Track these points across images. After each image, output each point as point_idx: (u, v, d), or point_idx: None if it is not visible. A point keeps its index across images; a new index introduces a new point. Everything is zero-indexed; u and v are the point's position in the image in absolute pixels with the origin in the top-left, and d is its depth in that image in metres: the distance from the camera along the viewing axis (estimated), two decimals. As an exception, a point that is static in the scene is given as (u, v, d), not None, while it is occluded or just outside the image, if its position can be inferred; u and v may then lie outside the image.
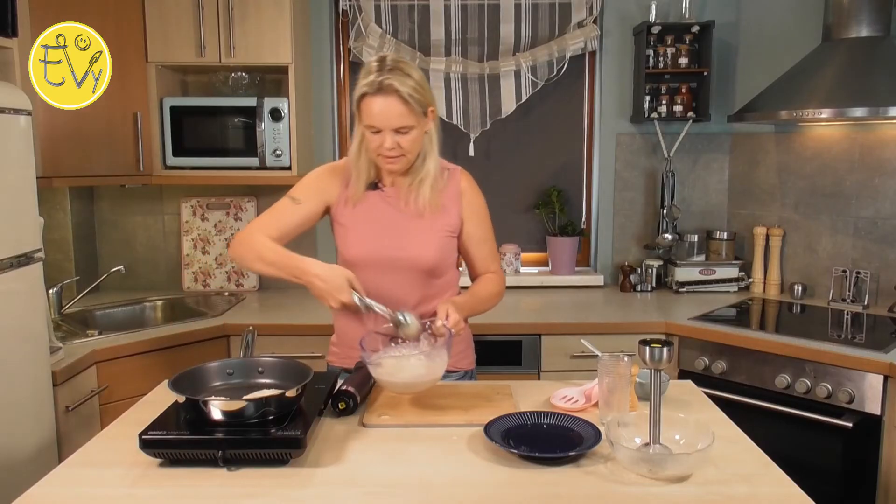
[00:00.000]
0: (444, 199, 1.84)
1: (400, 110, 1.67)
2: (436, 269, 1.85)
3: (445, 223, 1.84)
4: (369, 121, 1.70)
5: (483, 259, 1.92)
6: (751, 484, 1.32)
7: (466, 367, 1.97)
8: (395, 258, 1.82)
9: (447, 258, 1.88)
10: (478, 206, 1.89)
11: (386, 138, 1.70)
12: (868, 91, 2.46)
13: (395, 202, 1.84)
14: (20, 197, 1.99)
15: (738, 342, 2.47)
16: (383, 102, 1.67)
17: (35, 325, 2.05)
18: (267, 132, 2.86)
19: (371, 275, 1.82)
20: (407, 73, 1.69)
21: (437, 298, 1.86)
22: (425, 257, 1.82)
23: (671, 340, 2.58)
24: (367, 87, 1.68)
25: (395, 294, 1.82)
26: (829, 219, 2.95)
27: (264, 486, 1.32)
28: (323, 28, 3.18)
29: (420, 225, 1.82)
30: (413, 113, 1.69)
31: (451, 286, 1.93)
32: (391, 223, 1.83)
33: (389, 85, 1.66)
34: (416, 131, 1.72)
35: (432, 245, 1.83)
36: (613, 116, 3.25)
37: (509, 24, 3.18)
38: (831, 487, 2.28)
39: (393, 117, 1.68)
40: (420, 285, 1.85)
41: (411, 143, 1.73)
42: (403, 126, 1.69)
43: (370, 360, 1.63)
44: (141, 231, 3.26)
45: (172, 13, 2.79)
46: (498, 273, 1.95)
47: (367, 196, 1.84)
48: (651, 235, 3.28)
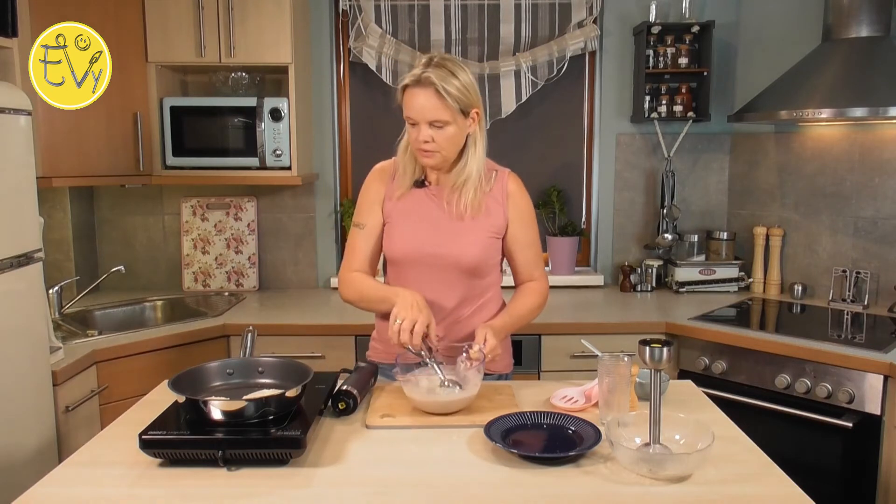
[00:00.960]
0: (490, 201, 1.85)
1: (434, 103, 1.69)
2: (478, 270, 1.85)
3: (490, 224, 1.84)
4: (407, 111, 1.74)
5: (527, 264, 1.92)
6: (751, 484, 1.32)
7: (503, 370, 1.97)
8: (437, 255, 1.82)
9: (490, 259, 1.87)
10: (524, 210, 1.89)
11: (421, 130, 1.72)
12: (868, 91, 2.46)
13: (439, 200, 1.84)
14: (20, 197, 1.99)
15: (738, 342, 2.47)
16: (420, 94, 1.70)
17: (35, 325, 2.05)
18: (267, 132, 2.86)
19: (413, 273, 1.84)
20: (451, 71, 1.71)
21: (477, 300, 1.87)
22: (468, 257, 1.82)
23: (671, 340, 2.58)
24: (409, 79, 1.72)
25: (437, 293, 1.82)
26: (829, 219, 2.95)
27: (264, 486, 1.32)
28: (323, 28, 3.18)
29: (464, 225, 1.82)
30: (448, 108, 1.70)
31: (493, 287, 1.92)
32: (435, 221, 1.83)
33: (427, 78, 1.69)
34: (453, 128, 1.73)
35: (476, 245, 1.83)
36: (613, 116, 3.25)
37: (509, 24, 3.18)
38: (831, 487, 2.28)
39: (427, 109, 1.70)
40: (462, 285, 1.84)
41: (447, 140, 1.74)
42: (437, 120, 1.71)
43: (406, 378, 1.64)
44: (141, 231, 3.26)
45: (172, 13, 2.79)
46: (541, 279, 1.95)
47: (412, 192, 1.86)
48: (651, 235, 3.28)
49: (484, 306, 1.90)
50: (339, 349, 2.62)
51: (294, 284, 3.28)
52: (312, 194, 3.24)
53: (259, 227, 3.26)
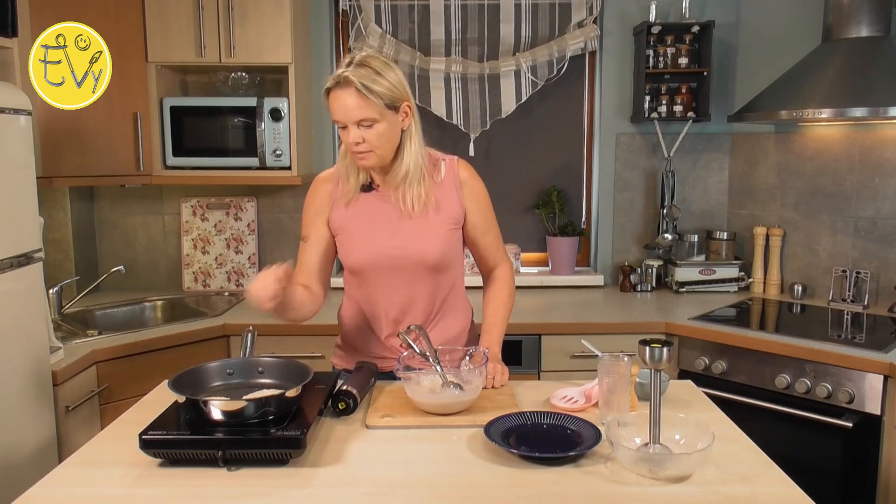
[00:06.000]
0: (443, 191, 1.81)
1: (356, 102, 1.64)
2: (441, 264, 1.81)
3: (448, 216, 1.81)
4: (333, 115, 1.69)
5: (490, 247, 1.91)
6: (751, 484, 1.32)
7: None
8: (399, 257, 1.78)
9: (453, 252, 1.84)
10: (480, 195, 1.86)
11: (351, 132, 1.67)
12: (868, 91, 2.46)
13: (389, 202, 1.80)
14: (20, 197, 1.99)
15: (738, 342, 2.47)
16: (342, 94, 1.65)
17: (35, 325, 2.05)
18: (267, 132, 2.86)
19: (377, 279, 1.81)
20: (372, 68, 1.65)
21: (445, 295, 1.86)
22: (431, 253, 1.78)
23: (671, 340, 2.59)
24: (330, 82, 1.67)
25: (403, 295, 1.81)
26: (829, 219, 2.95)
27: (264, 486, 1.32)
28: (323, 28, 3.18)
29: (421, 220, 1.78)
30: (371, 105, 1.64)
31: (457, 280, 1.91)
32: (390, 222, 1.79)
33: (346, 78, 1.63)
34: (383, 125, 1.67)
35: (436, 240, 1.79)
36: (613, 116, 3.25)
37: (509, 24, 3.17)
38: (831, 487, 2.28)
39: (351, 109, 1.64)
40: (427, 284, 1.82)
41: (378, 138, 1.68)
42: (364, 119, 1.65)
43: (408, 378, 1.64)
44: (141, 231, 3.26)
45: (172, 13, 2.79)
46: (504, 262, 1.96)
47: (361, 198, 1.81)
48: (651, 235, 3.28)
49: (450, 305, 1.89)
50: (339, 349, 2.62)
51: (294, 284, 3.27)
52: (312, 194, 3.24)
53: (259, 227, 3.26)
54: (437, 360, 1.68)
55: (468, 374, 1.65)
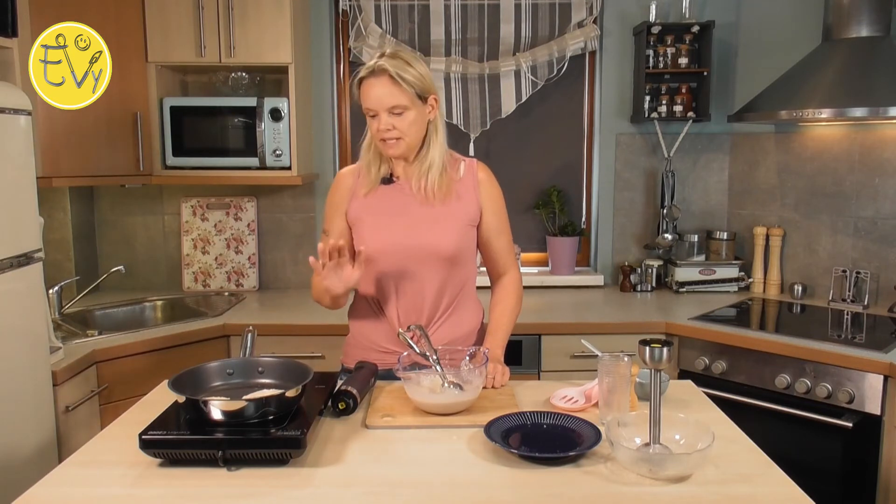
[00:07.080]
0: (461, 188, 1.85)
1: (390, 90, 1.71)
2: (455, 258, 1.84)
3: (464, 212, 1.84)
4: (365, 103, 1.75)
5: (502, 251, 1.93)
6: (751, 484, 1.32)
7: None
8: (414, 246, 1.81)
9: (467, 248, 1.87)
10: (496, 197, 1.90)
11: (382, 119, 1.73)
12: (868, 91, 2.46)
13: (408, 193, 1.84)
14: (20, 197, 1.99)
15: (738, 342, 2.47)
16: (375, 83, 1.72)
17: (35, 325, 2.05)
18: (267, 132, 2.86)
19: (390, 268, 1.83)
20: (404, 60, 1.74)
21: (456, 292, 1.87)
22: (445, 244, 1.81)
23: (671, 340, 2.59)
24: (364, 72, 1.75)
25: (415, 286, 1.82)
26: (829, 219, 2.95)
27: (264, 486, 1.32)
28: (323, 28, 3.18)
29: (438, 213, 1.82)
30: (404, 93, 1.71)
31: (470, 278, 1.92)
32: (407, 213, 1.83)
33: (381, 67, 1.71)
34: (413, 113, 1.74)
35: (452, 232, 1.82)
36: (613, 116, 3.25)
37: (509, 24, 3.18)
38: (831, 487, 2.28)
39: (384, 96, 1.71)
40: (440, 276, 1.84)
41: (408, 126, 1.74)
42: (396, 106, 1.72)
43: (409, 378, 1.64)
44: (141, 231, 3.26)
45: (172, 13, 2.79)
46: (513, 269, 1.98)
47: (379, 189, 1.85)
48: (651, 235, 3.28)
49: (461, 302, 1.90)
50: (339, 349, 2.60)
51: (294, 284, 3.28)
52: (312, 194, 3.24)
53: (259, 227, 3.26)
54: (437, 361, 1.68)
55: (468, 375, 1.65)
